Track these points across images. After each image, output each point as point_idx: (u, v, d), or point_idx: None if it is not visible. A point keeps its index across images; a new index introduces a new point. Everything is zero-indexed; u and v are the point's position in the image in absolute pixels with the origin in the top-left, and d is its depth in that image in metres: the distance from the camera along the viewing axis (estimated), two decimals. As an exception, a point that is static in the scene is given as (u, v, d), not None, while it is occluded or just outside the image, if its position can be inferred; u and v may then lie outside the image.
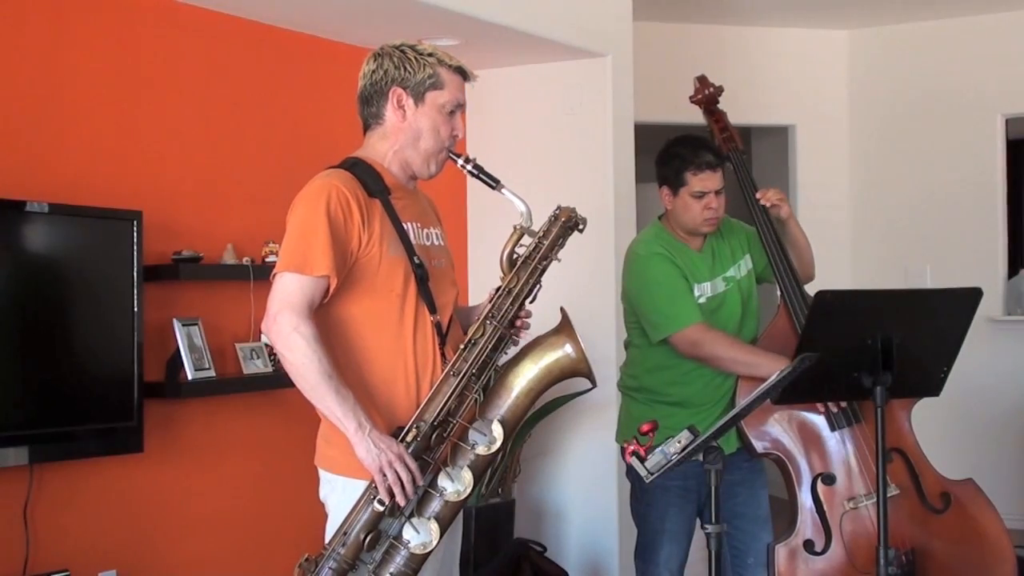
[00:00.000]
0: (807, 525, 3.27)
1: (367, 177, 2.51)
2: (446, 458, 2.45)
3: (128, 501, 3.88)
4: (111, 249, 3.70)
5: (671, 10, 6.21)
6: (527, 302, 2.54)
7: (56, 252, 3.60)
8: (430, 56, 2.56)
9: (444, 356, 2.52)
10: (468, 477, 2.43)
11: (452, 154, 2.59)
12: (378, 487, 2.36)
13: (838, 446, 3.31)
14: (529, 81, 5.27)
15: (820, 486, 3.29)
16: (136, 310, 3.71)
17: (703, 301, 3.43)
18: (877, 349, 2.87)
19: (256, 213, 4.31)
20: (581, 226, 2.60)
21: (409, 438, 2.40)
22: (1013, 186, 6.90)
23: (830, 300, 2.89)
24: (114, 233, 3.70)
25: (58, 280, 3.60)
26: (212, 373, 4.01)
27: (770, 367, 2.97)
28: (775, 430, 3.34)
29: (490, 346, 2.47)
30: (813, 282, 3.53)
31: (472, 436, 2.46)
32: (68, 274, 3.62)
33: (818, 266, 3.68)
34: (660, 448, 2.50)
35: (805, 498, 3.29)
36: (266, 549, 4.29)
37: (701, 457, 2.56)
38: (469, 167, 2.56)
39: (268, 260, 4.19)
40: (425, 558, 2.41)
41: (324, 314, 2.45)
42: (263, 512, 4.33)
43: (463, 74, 2.60)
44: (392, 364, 2.50)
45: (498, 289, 2.53)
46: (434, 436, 2.42)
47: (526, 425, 4.83)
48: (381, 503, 2.37)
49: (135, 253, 3.72)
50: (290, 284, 2.40)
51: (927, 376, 3.07)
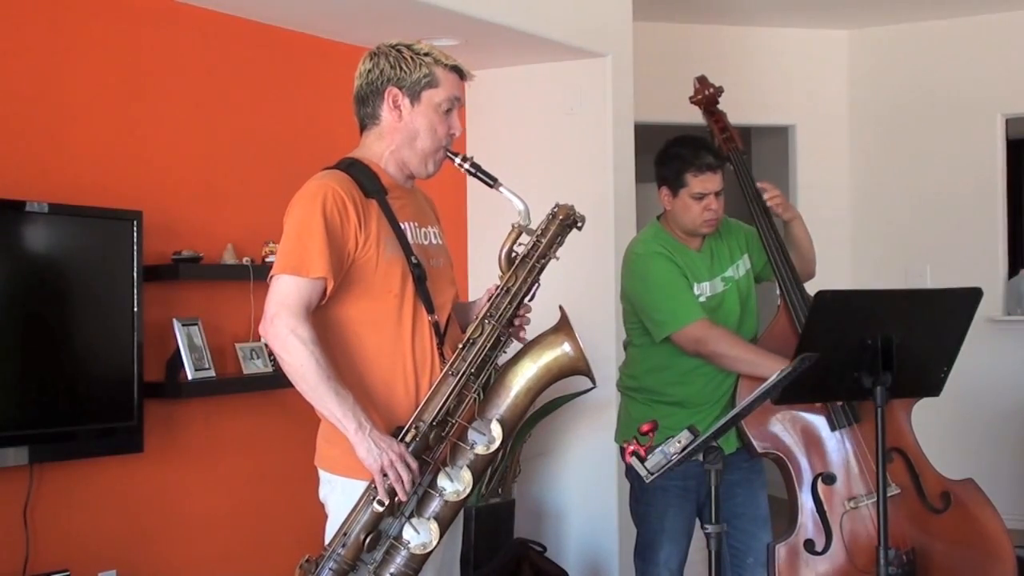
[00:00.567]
0: (807, 525, 3.27)
1: (363, 177, 2.50)
2: (445, 458, 2.45)
3: (128, 501, 3.88)
4: (111, 249, 3.70)
5: (671, 10, 6.21)
6: (526, 300, 2.54)
7: (56, 252, 3.60)
8: (426, 55, 2.55)
9: (443, 356, 2.52)
10: (467, 477, 2.43)
11: (450, 153, 2.59)
12: (378, 487, 2.36)
13: (838, 446, 3.31)
14: (529, 81, 5.27)
15: (820, 486, 3.28)
16: (136, 310, 3.71)
17: (702, 301, 3.43)
18: (877, 349, 2.87)
19: (256, 213, 4.31)
20: (580, 224, 2.59)
21: (408, 438, 2.40)
22: (1013, 186, 6.91)
23: (830, 300, 2.89)
24: (114, 233, 3.70)
25: (58, 280, 3.59)
26: (212, 373, 4.01)
27: (772, 367, 2.96)
28: (775, 430, 3.34)
29: (488, 345, 2.47)
30: (813, 282, 3.53)
31: (471, 436, 2.46)
32: (68, 274, 3.62)
33: (818, 266, 3.68)
34: (660, 448, 2.50)
35: (805, 498, 3.29)
36: (266, 549, 4.28)
37: (701, 457, 2.56)
38: (467, 166, 2.56)
39: (268, 260, 4.19)
40: (425, 558, 2.41)
41: (322, 315, 2.45)
42: (263, 512, 4.33)
43: (459, 73, 2.59)
44: (391, 365, 2.49)
45: (496, 287, 2.53)
46: (433, 436, 2.42)
47: (526, 425, 4.83)
48: (381, 503, 2.36)
49: (135, 253, 3.71)
50: (287, 286, 2.40)
51: (927, 376, 3.07)
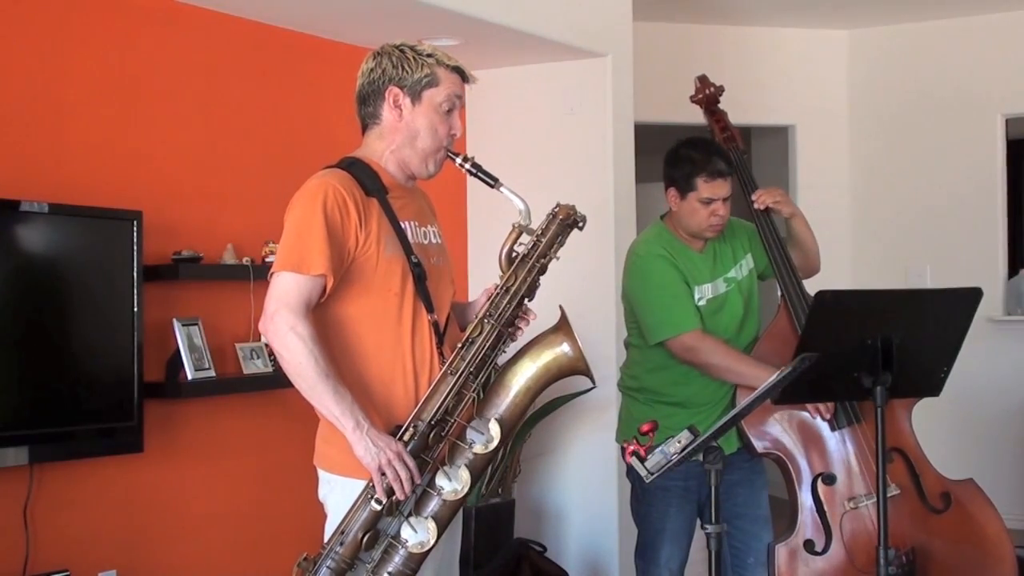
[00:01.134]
0: (807, 525, 3.27)
1: (364, 176, 2.51)
2: (444, 457, 2.45)
3: (128, 501, 3.88)
4: (111, 249, 3.70)
5: (671, 10, 6.21)
6: (526, 300, 2.54)
7: (56, 252, 3.60)
8: (429, 56, 2.55)
9: (442, 355, 2.52)
10: (466, 476, 2.43)
11: (450, 153, 2.59)
12: (376, 486, 2.36)
13: (838, 446, 3.31)
14: (529, 81, 5.27)
15: (820, 486, 3.29)
16: (136, 310, 3.71)
17: (704, 303, 3.42)
18: (877, 349, 2.87)
19: (256, 213, 4.31)
20: (581, 224, 2.59)
21: (407, 437, 2.41)
22: (1013, 186, 6.90)
23: (830, 300, 2.89)
24: (114, 233, 3.70)
25: (58, 280, 3.59)
26: (212, 373, 4.01)
27: (762, 379, 2.95)
28: (775, 430, 3.34)
29: (488, 345, 2.47)
30: (813, 281, 3.53)
31: (470, 435, 2.46)
32: (68, 274, 3.62)
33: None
34: (660, 448, 2.50)
35: (805, 498, 3.29)
36: (266, 549, 4.28)
37: (701, 457, 2.56)
38: (467, 166, 2.56)
39: (268, 260, 4.18)
40: (423, 557, 2.41)
41: (322, 313, 2.45)
42: (263, 512, 4.33)
43: (461, 74, 2.59)
44: (390, 363, 2.49)
45: (496, 287, 2.53)
46: (432, 435, 2.42)
47: (526, 425, 4.83)
48: (379, 502, 2.37)
49: (135, 253, 3.71)
50: (287, 284, 2.40)
51: (927, 376, 3.07)
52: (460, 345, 2.48)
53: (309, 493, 2.63)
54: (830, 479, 3.29)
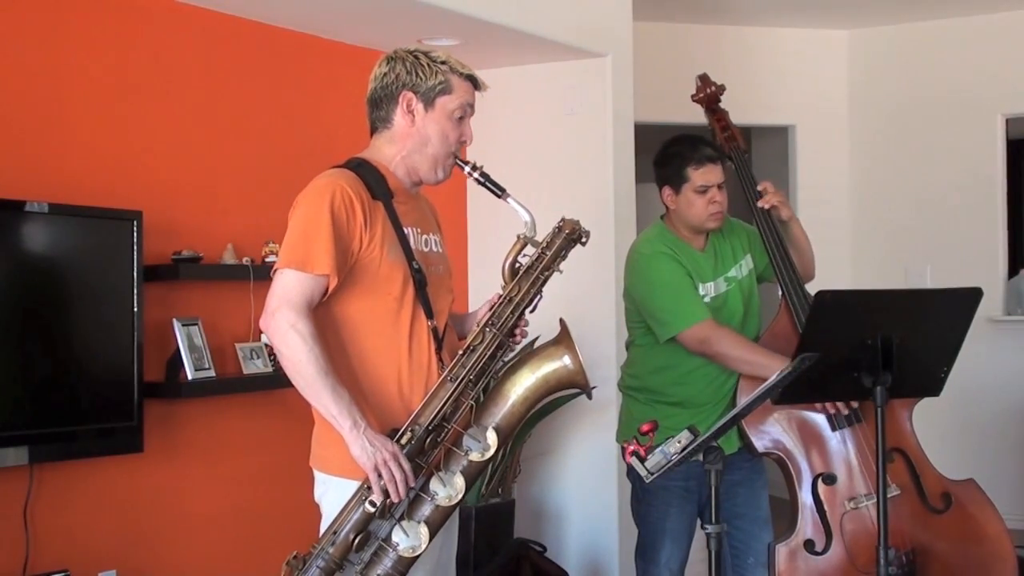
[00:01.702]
0: (808, 525, 3.26)
1: (371, 179, 2.51)
2: (439, 463, 2.45)
3: (128, 501, 3.88)
4: (111, 249, 3.70)
5: (671, 10, 6.21)
6: (527, 312, 2.54)
7: (56, 252, 3.60)
8: (443, 63, 2.56)
9: (441, 361, 2.52)
10: (460, 483, 2.43)
11: (459, 161, 2.60)
12: (372, 486, 2.36)
13: (839, 446, 3.31)
14: (529, 81, 5.27)
15: (821, 486, 3.28)
16: (136, 310, 3.71)
17: (707, 301, 3.42)
18: (877, 349, 2.86)
19: (256, 213, 4.31)
20: (584, 239, 2.60)
21: (404, 441, 2.41)
22: (1013, 186, 6.90)
23: (830, 300, 2.89)
24: (114, 233, 3.70)
25: (58, 280, 3.59)
26: (212, 373, 4.01)
27: (775, 368, 2.96)
28: (776, 430, 3.34)
29: (488, 353, 2.47)
30: (813, 282, 3.53)
31: (466, 442, 2.46)
32: (68, 274, 3.62)
33: (818, 266, 3.68)
34: (660, 448, 2.50)
35: (806, 498, 3.29)
36: (265, 549, 4.27)
37: (701, 457, 2.56)
38: (476, 175, 2.56)
39: (268, 260, 4.19)
40: (413, 562, 2.41)
41: (321, 312, 2.46)
42: (262, 512, 4.33)
43: (474, 82, 2.60)
44: (385, 366, 2.50)
45: (498, 297, 2.54)
46: (428, 440, 2.42)
47: (526, 425, 4.83)
48: (372, 504, 2.37)
49: (135, 253, 3.71)
50: (290, 281, 2.40)
51: (927, 376, 3.07)
52: (461, 352, 2.48)
53: (309, 493, 2.63)
54: (830, 479, 3.29)
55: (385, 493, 2.36)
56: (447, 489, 2.42)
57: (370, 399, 2.47)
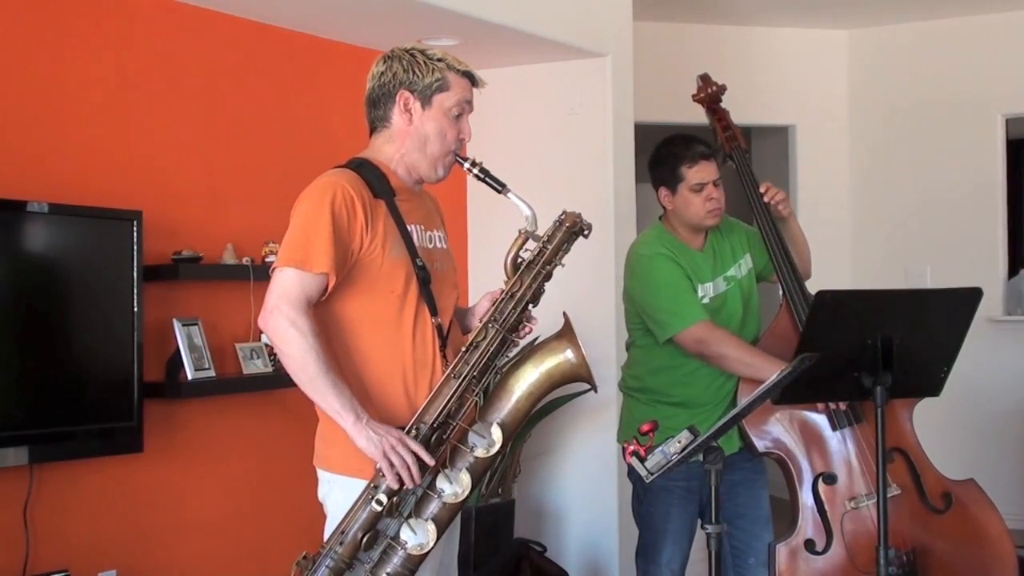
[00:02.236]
0: (808, 525, 3.26)
1: (373, 178, 2.51)
2: (445, 460, 2.45)
3: (128, 501, 3.88)
4: (111, 249, 3.70)
5: (671, 10, 6.21)
6: (531, 307, 2.54)
7: (56, 252, 3.60)
8: (439, 61, 2.56)
9: (445, 358, 2.52)
10: (466, 480, 2.43)
11: (459, 158, 2.59)
12: (385, 473, 2.35)
13: (839, 445, 3.31)
14: (529, 81, 5.27)
15: (821, 485, 3.28)
16: (136, 310, 3.71)
17: (706, 301, 3.43)
18: (877, 349, 2.86)
19: (256, 213, 4.31)
20: (586, 232, 2.60)
21: (409, 437, 2.41)
22: (1013, 186, 6.90)
23: (830, 300, 2.89)
24: (114, 233, 3.70)
25: (58, 280, 3.59)
26: (212, 373, 4.01)
27: (772, 371, 2.96)
28: (776, 429, 3.34)
29: (491, 349, 2.47)
30: (813, 282, 3.53)
31: (471, 439, 2.46)
32: (68, 274, 3.62)
33: (818, 266, 3.68)
34: (660, 448, 2.50)
35: (806, 498, 3.29)
36: (266, 549, 4.28)
37: (701, 457, 2.56)
38: (476, 171, 2.56)
39: (268, 260, 4.18)
40: (422, 559, 2.41)
41: (323, 311, 2.46)
42: (263, 512, 4.33)
43: (471, 79, 2.60)
44: (388, 364, 2.50)
45: (501, 292, 2.53)
46: (434, 438, 2.42)
47: (527, 425, 4.83)
48: (379, 503, 2.36)
49: (135, 253, 3.71)
50: (289, 279, 2.40)
51: (927, 376, 3.07)
52: (464, 349, 2.48)
53: (309, 493, 2.63)
54: (831, 479, 3.29)
55: (400, 482, 2.35)
56: (453, 486, 2.42)
57: (375, 398, 2.47)
